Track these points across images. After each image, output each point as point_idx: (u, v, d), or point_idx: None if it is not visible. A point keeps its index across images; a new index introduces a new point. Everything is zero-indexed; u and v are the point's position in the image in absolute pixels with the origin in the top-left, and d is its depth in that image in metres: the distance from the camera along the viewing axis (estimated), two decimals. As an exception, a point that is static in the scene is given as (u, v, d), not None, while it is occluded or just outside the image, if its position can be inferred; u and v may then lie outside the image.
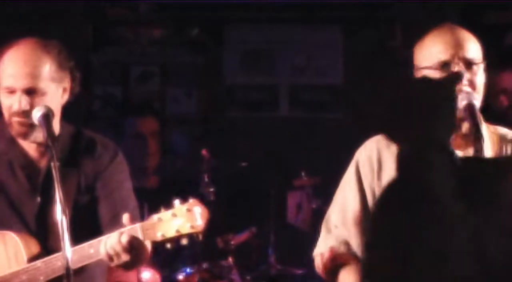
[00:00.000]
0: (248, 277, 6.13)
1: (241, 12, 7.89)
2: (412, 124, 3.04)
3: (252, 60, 7.92)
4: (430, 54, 3.76)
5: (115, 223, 4.05)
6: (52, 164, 3.93)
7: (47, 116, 4.02)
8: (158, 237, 3.94)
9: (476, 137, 3.59)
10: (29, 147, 4.20)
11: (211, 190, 5.90)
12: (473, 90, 3.70)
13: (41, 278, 4.14)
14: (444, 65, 3.72)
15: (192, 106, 7.92)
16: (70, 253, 3.76)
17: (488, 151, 3.77)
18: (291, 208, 6.85)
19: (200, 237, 3.94)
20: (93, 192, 4.22)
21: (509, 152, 3.88)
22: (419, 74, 3.82)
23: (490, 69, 3.97)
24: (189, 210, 3.92)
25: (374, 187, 3.90)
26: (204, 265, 5.93)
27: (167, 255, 5.74)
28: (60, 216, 3.80)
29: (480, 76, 3.76)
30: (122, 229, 3.95)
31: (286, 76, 7.91)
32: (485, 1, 7.63)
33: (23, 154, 4.23)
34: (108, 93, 7.82)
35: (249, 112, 7.88)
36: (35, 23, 7.49)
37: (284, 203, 6.87)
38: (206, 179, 5.99)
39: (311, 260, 6.42)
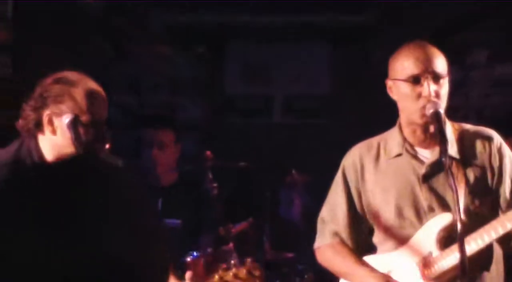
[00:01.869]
0: (246, 260, 6.20)
1: (240, 32, 7.95)
2: None
3: (250, 73, 8.00)
4: (403, 68, 3.78)
5: None
6: None
7: (75, 122, 3.92)
8: None
9: (441, 139, 3.63)
10: None
11: (214, 185, 5.93)
12: (438, 100, 3.71)
13: None
14: (415, 79, 3.74)
15: (197, 113, 8.00)
16: None
17: (453, 147, 3.82)
18: (284, 202, 6.89)
19: None
20: None
21: (470, 145, 3.89)
22: (394, 85, 3.87)
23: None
24: (249, 272, 3.90)
25: (359, 187, 4.01)
26: (209, 250, 5.92)
27: (176, 241, 5.83)
28: None
29: (445, 88, 3.76)
30: None
31: (279, 87, 7.98)
32: (452, 24, 7.66)
33: None
34: (124, 102, 7.80)
35: (247, 118, 7.96)
36: (62, 42, 7.60)
37: (277, 198, 6.88)
38: (210, 176, 6.02)
39: (300, 246, 6.61)
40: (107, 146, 6.34)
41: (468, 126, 3.99)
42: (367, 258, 4.03)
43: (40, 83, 3.98)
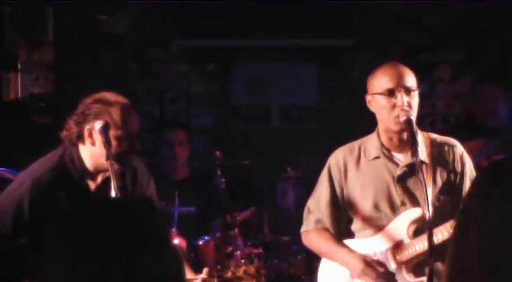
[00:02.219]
0: (248, 243, 6.12)
1: (244, 53, 7.92)
2: None
3: (252, 87, 7.93)
4: (379, 84, 3.84)
5: None
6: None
7: (106, 127, 3.93)
8: None
9: (412, 142, 3.67)
10: None
11: (222, 180, 5.98)
12: (410, 109, 3.75)
13: None
14: (390, 92, 3.78)
15: (208, 120, 7.93)
16: None
17: (423, 152, 3.83)
18: (280, 194, 6.85)
19: None
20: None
21: (437, 152, 3.90)
22: (372, 99, 3.92)
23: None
24: (256, 270, 3.93)
25: (342, 183, 4.01)
26: (217, 234, 5.98)
27: (190, 227, 5.89)
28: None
29: (415, 100, 3.81)
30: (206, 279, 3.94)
31: (276, 99, 7.91)
32: (419, 46, 7.62)
33: None
34: (148, 111, 7.79)
35: (249, 124, 7.89)
36: (94, 61, 7.59)
37: (274, 190, 6.87)
38: (219, 172, 6.06)
39: (293, 231, 6.54)
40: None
41: (436, 136, 4.04)
42: (346, 242, 4.06)
43: (82, 102, 4.04)
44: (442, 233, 3.68)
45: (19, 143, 6.89)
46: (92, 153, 3.99)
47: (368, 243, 3.97)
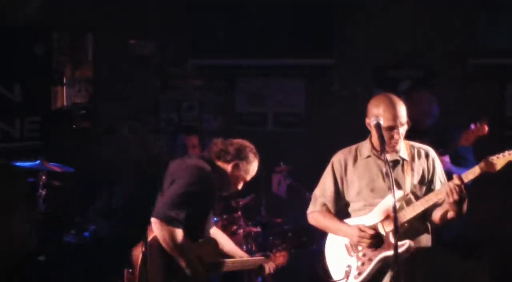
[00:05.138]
0: (249, 223, 6.13)
1: (246, 70, 7.90)
2: None
3: (252, 98, 7.91)
4: (384, 118, 3.85)
5: None
6: None
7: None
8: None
9: (381, 143, 3.83)
10: None
11: None
12: (401, 137, 3.95)
13: None
14: (390, 128, 3.87)
15: (217, 125, 7.92)
16: None
17: (404, 153, 4.01)
18: (274, 183, 6.83)
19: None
20: None
21: (415, 153, 4.04)
22: (372, 126, 3.91)
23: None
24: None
25: (342, 176, 4.13)
26: (224, 216, 6.02)
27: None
28: None
29: (405, 127, 3.93)
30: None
31: (271, 107, 7.90)
32: (386, 65, 7.63)
33: None
34: (169, 118, 7.81)
35: (250, 128, 7.86)
36: (125, 77, 7.60)
37: (270, 180, 6.83)
38: None
39: (285, 214, 6.56)
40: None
41: (414, 143, 4.14)
42: (347, 220, 4.16)
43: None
44: (418, 207, 3.91)
45: (65, 143, 6.93)
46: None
47: (364, 219, 4.05)
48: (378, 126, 3.85)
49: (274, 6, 7.68)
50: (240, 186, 4.25)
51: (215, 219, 5.96)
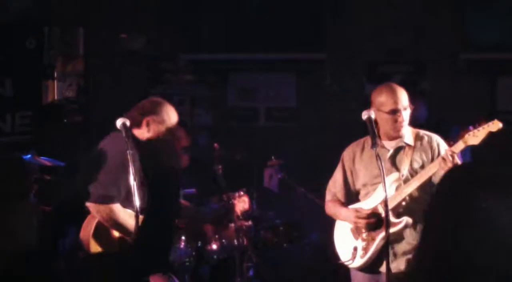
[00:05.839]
0: (240, 217, 5.83)
1: (238, 65, 7.89)
2: None
3: (244, 93, 7.91)
4: (386, 104, 4.09)
5: None
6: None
7: (125, 124, 4.02)
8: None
9: (372, 135, 3.94)
10: None
11: (220, 167, 5.83)
12: (405, 120, 4.13)
13: None
14: (394, 111, 4.08)
15: (209, 119, 7.92)
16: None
17: (410, 139, 4.20)
18: (266, 178, 6.82)
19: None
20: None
21: (419, 140, 4.22)
22: (377, 112, 4.10)
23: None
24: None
25: (351, 168, 4.37)
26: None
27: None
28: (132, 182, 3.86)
29: (408, 111, 4.13)
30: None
31: (263, 102, 7.90)
32: (377, 60, 7.65)
33: None
34: None
35: (242, 123, 7.88)
36: (117, 72, 7.57)
37: (261, 175, 6.83)
38: (216, 161, 5.96)
39: (276, 207, 6.54)
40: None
41: (419, 130, 4.32)
42: (354, 205, 4.38)
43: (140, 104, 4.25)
44: (413, 183, 4.11)
45: (56, 137, 6.90)
46: (143, 137, 4.25)
47: (368, 202, 4.31)
48: (369, 120, 3.99)
49: (266, 1, 7.70)
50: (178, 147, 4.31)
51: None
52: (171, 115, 4.33)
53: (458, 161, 4.01)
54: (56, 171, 6.01)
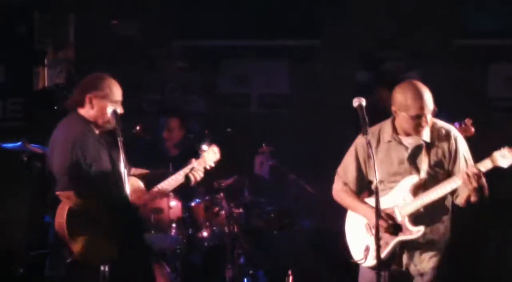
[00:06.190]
0: (232, 204, 6.06)
1: (230, 51, 7.86)
2: None
3: (236, 79, 7.88)
4: (410, 108, 4.00)
5: None
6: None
7: (116, 112, 4.09)
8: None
9: (363, 125, 3.91)
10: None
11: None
12: (427, 124, 4.04)
13: None
14: (418, 117, 4.00)
15: (202, 106, 7.91)
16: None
17: (427, 134, 4.09)
18: (257, 164, 6.81)
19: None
20: None
21: (435, 134, 4.12)
22: (398, 111, 4.06)
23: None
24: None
25: (365, 158, 4.24)
26: (206, 197, 5.99)
27: (185, 191, 5.82)
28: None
29: (431, 113, 4.03)
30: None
31: (255, 89, 7.89)
32: (374, 46, 7.61)
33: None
34: (153, 99, 7.81)
35: (234, 109, 7.84)
36: (108, 58, 7.49)
37: (253, 162, 6.82)
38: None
39: (268, 194, 6.54)
40: (138, 127, 6.27)
41: (436, 121, 4.20)
42: (367, 199, 4.30)
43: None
44: (433, 193, 4.04)
45: (46, 124, 6.85)
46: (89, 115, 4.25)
47: (384, 201, 4.11)
48: (360, 107, 3.94)
49: (260, -13, 7.68)
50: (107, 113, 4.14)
51: (197, 200, 5.95)
52: (113, 89, 4.19)
53: (484, 182, 3.94)
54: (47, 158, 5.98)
